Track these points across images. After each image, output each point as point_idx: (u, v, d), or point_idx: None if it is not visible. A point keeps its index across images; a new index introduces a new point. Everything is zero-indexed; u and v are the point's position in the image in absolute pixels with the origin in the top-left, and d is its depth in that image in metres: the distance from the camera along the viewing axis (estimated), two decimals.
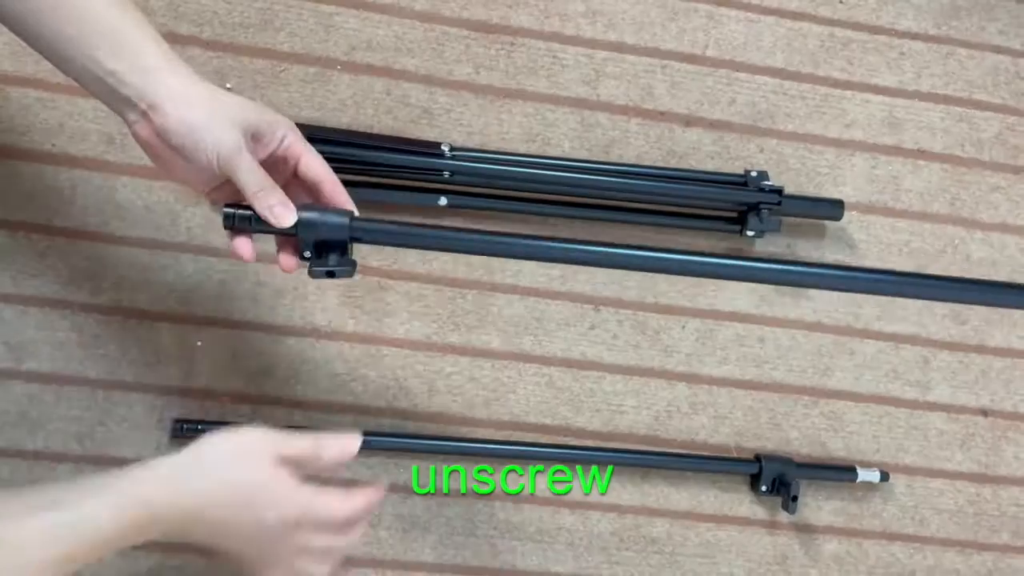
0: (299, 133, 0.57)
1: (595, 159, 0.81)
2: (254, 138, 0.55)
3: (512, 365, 0.81)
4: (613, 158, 0.82)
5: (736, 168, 0.83)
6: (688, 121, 0.82)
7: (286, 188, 0.56)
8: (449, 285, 0.80)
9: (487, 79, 0.79)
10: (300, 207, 0.56)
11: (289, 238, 0.58)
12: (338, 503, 0.54)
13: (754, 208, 0.79)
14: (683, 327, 0.83)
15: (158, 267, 0.77)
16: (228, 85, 0.77)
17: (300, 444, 0.53)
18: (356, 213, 0.58)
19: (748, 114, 0.83)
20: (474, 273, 0.81)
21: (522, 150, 0.80)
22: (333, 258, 0.57)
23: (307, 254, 0.57)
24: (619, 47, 0.81)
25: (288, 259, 0.59)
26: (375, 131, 0.78)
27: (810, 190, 0.84)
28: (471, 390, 0.81)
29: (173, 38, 0.77)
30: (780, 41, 0.83)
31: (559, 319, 0.81)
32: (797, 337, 0.84)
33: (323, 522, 0.53)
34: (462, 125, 0.80)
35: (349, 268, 0.57)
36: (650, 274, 0.82)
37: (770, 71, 0.83)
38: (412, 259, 0.80)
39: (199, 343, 0.77)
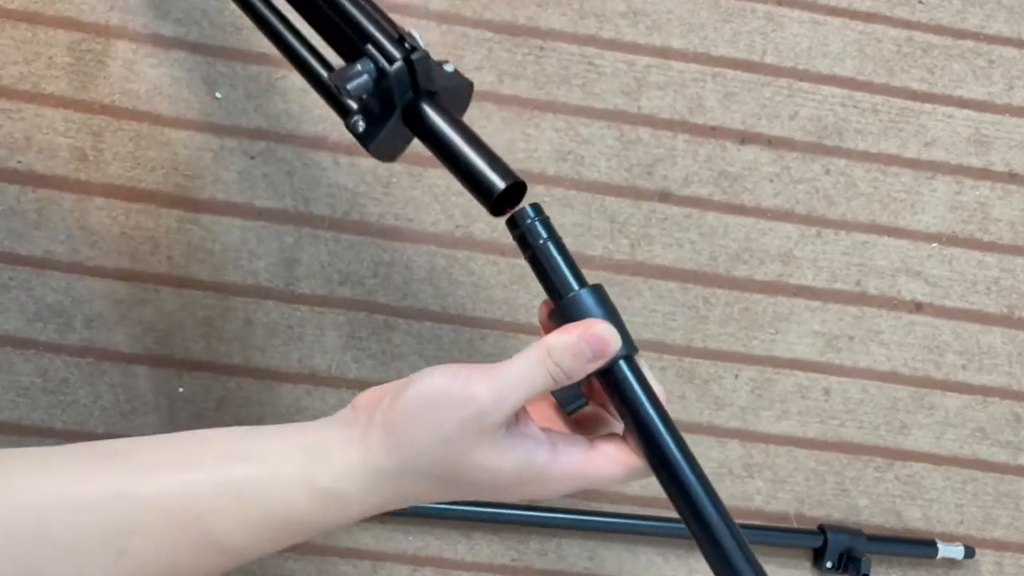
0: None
1: (635, 182, 0.77)
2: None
3: None
4: (657, 178, 0.77)
5: (799, 193, 0.78)
6: (743, 138, 0.78)
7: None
8: (466, 324, 0.76)
9: (512, 88, 0.76)
10: None
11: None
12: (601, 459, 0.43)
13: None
14: (736, 376, 0.78)
15: (135, 302, 0.74)
16: (218, 94, 0.74)
17: (528, 388, 0.40)
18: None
19: (812, 130, 0.78)
20: (495, 311, 0.76)
21: (552, 171, 0.76)
22: None
23: None
24: (664, 52, 0.77)
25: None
26: None
27: (884, 219, 0.79)
28: None
29: (155, 40, 0.73)
30: (850, 46, 0.79)
31: None
32: (868, 389, 0.80)
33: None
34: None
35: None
36: (699, 312, 0.78)
37: (838, 81, 0.79)
38: (425, 295, 0.76)
39: (181, 389, 0.74)
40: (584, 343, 0.41)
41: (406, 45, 0.45)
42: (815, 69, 0.79)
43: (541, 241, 0.44)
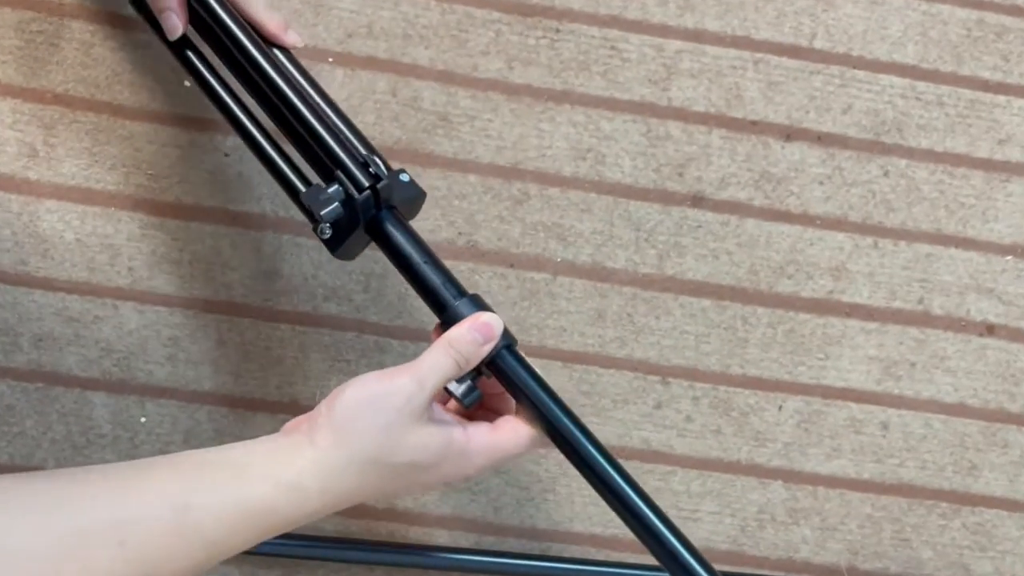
0: None
1: (664, 184, 0.72)
2: None
3: (551, 455, 0.73)
4: (689, 180, 0.73)
5: (853, 198, 0.74)
6: (789, 134, 0.74)
7: None
8: None
9: (523, 76, 0.72)
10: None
11: None
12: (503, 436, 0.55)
13: None
14: (780, 407, 0.75)
15: (91, 319, 0.70)
16: (187, 82, 0.70)
17: (440, 373, 0.53)
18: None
19: (869, 125, 0.74)
20: None
21: (568, 171, 0.72)
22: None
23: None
24: (698, 36, 0.73)
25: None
26: (375, 143, 0.68)
27: (950, 228, 0.74)
28: (496, 487, 0.73)
29: (115, 21, 0.70)
30: (912, 29, 0.74)
31: (615, 394, 0.73)
32: (932, 423, 0.75)
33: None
34: (490, 137, 0.72)
35: None
36: (737, 335, 0.74)
37: (898, 69, 0.75)
38: (422, 312, 0.72)
39: (143, 419, 0.71)
40: (475, 331, 0.54)
41: (371, 171, 0.55)
42: (872, 55, 0.75)
43: (423, 262, 0.56)
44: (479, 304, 0.55)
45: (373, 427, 0.50)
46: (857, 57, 0.74)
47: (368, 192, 0.55)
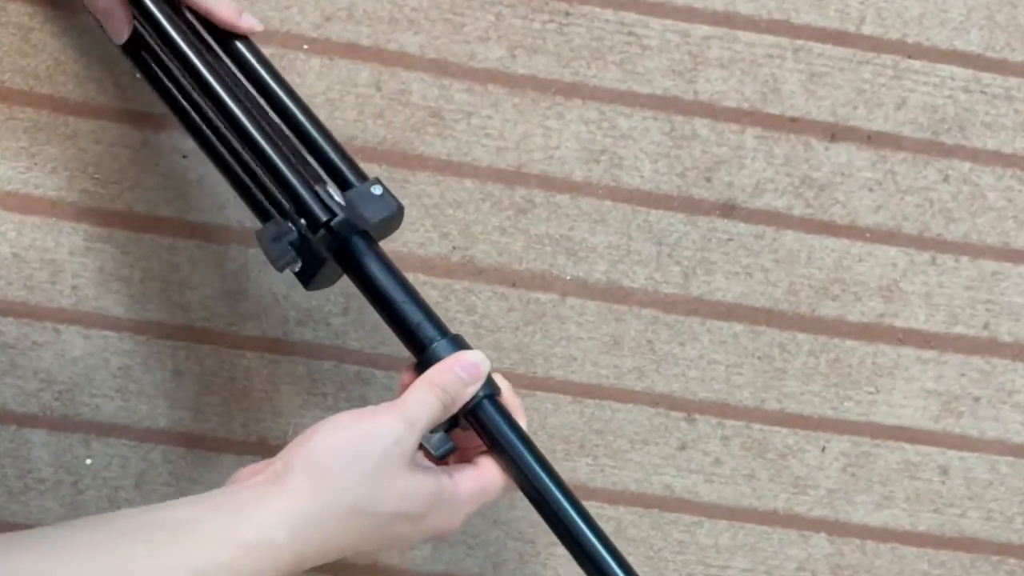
0: None
1: (690, 191, 0.69)
2: None
3: None
4: (719, 186, 0.70)
5: (908, 207, 0.71)
6: (834, 133, 0.72)
7: None
8: None
9: (528, 66, 0.71)
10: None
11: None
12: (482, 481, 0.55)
13: None
14: (823, 448, 0.72)
15: (29, 345, 0.68)
16: (139, 75, 0.65)
17: (428, 414, 0.52)
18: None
19: (926, 123, 0.72)
20: (503, 361, 0.70)
21: (579, 175, 0.69)
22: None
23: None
24: (729, 20, 0.71)
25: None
26: (356, 143, 0.69)
27: (1020, 242, 0.72)
28: (496, 539, 0.69)
29: (57, 1, 0.67)
30: (976, 12, 0.72)
31: (632, 434, 0.71)
32: (999, 467, 0.73)
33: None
34: (489, 136, 0.70)
35: None
36: (774, 364, 0.71)
37: (960, 58, 0.73)
38: None
39: (89, 461, 0.69)
40: (460, 369, 0.53)
41: (326, 204, 0.54)
42: (929, 42, 0.73)
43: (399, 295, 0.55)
44: (462, 344, 0.54)
45: (356, 472, 0.48)
46: (913, 44, 0.73)
47: (323, 232, 0.54)
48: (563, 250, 0.69)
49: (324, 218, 0.53)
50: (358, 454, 0.48)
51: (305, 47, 0.68)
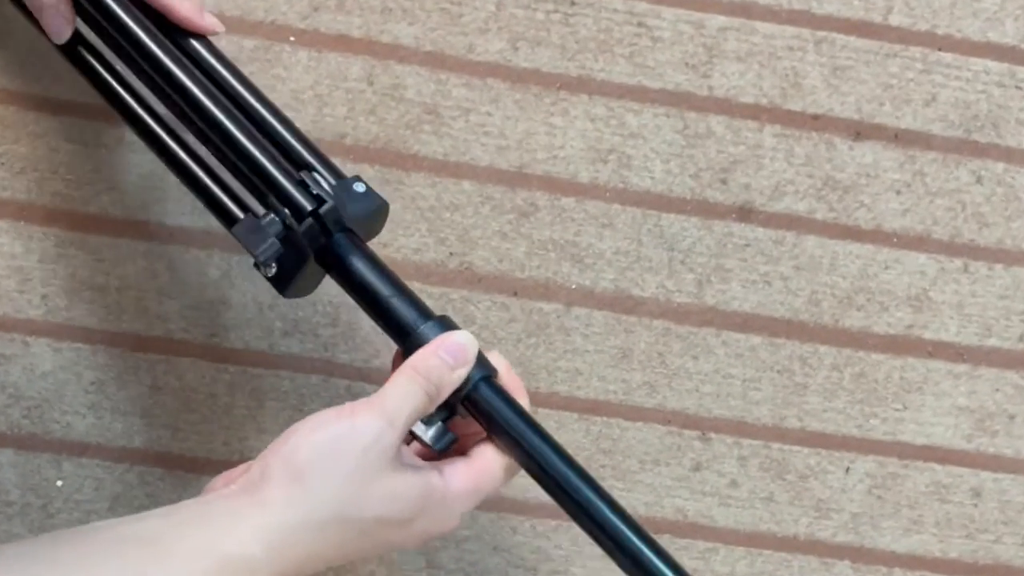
0: None
1: (704, 193, 0.68)
2: None
3: (564, 529, 0.68)
4: (735, 188, 0.68)
5: (938, 210, 0.69)
6: (858, 131, 0.70)
7: None
8: None
9: (531, 60, 0.70)
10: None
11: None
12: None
13: None
14: (847, 469, 0.70)
15: None
16: None
17: (411, 406, 0.50)
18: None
19: (957, 121, 0.70)
20: None
21: (585, 176, 0.68)
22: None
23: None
24: (746, 9, 0.70)
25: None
26: (347, 141, 0.67)
27: None
28: (496, 567, 0.68)
29: None
30: (1011, 2, 0.71)
31: (643, 454, 0.70)
32: None
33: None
34: (489, 135, 0.68)
35: None
36: (794, 379, 0.69)
37: (995, 50, 0.71)
38: None
39: (59, 483, 0.67)
40: (444, 353, 0.50)
41: (312, 191, 0.52)
42: (961, 34, 0.71)
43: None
44: (449, 326, 0.53)
45: (335, 475, 0.47)
46: (943, 36, 0.72)
47: (310, 221, 0.52)
48: (568, 257, 0.68)
49: (311, 207, 0.51)
50: (336, 455, 0.47)
51: (292, 39, 0.67)
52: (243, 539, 0.46)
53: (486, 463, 0.52)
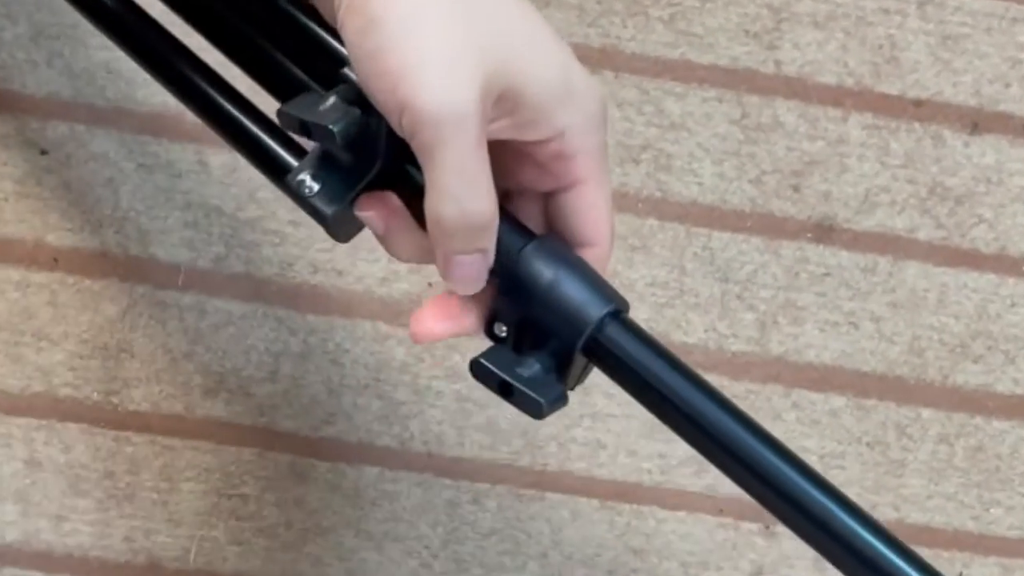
0: (602, 135, 0.46)
1: (769, 205, 0.63)
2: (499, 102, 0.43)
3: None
4: (810, 198, 0.62)
5: None
6: (976, 122, 0.63)
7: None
8: (444, 473, 0.62)
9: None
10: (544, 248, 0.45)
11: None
12: None
13: None
14: (961, 573, 0.62)
15: None
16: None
17: None
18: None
19: None
20: (502, 447, 0.61)
21: (613, 178, 0.59)
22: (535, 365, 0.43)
23: (501, 330, 0.46)
24: None
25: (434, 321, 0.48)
26: None
27: None
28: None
29: None
30: None
31: (686, 552, 0.61)
32: None
33: None
34: None
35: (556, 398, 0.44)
36: (888, 454, 0.62)
37: None
38: (368, 413, 0.61)
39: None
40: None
41: None
42: None
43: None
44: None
45: None
46: None
47: None
48: None
49: None
50: None
51: None
52: None
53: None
